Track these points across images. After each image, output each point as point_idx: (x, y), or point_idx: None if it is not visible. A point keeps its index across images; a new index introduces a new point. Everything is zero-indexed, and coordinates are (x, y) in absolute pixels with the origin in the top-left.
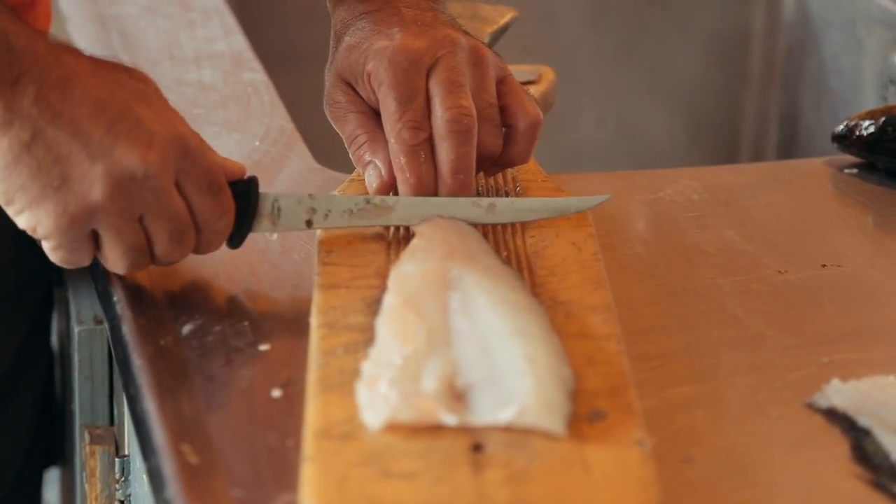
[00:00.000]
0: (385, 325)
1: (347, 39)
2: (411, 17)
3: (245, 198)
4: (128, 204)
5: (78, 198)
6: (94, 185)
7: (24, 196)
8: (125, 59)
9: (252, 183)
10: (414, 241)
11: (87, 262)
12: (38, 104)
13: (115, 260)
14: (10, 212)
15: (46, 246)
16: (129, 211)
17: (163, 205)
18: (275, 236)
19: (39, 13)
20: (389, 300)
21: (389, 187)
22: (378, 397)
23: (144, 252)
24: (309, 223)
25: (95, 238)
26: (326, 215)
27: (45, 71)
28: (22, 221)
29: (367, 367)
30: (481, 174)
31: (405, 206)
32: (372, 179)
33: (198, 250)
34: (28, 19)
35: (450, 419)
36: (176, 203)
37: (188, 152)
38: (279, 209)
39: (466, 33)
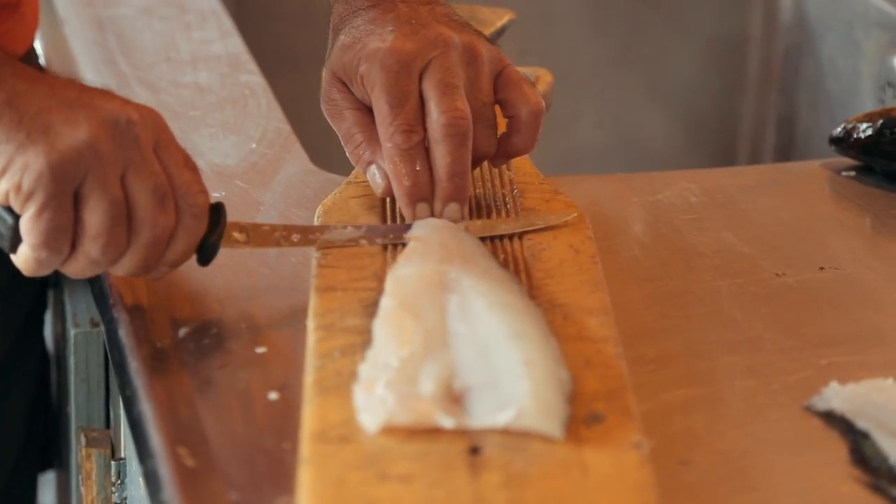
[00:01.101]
0: (382, 327)
1: (342, 38)
2: (406, 14)
3: (214, 213)
4: (112, 149)
5: (65, 137)
6: (79, 127)
7: (7, 147)
8: (122, 61)
9: (219, 203)
10: (410, 244)
11: (64, 249)
12: (14, 77)
13: (95, 226)
14: None
15: (29, 216)
16: (113, 158)
17: (146, 159)
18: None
19: (26, 13)
20: (386, 302)
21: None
22: (375, 400)
23: (123, 216)
24: (279, 243)
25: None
26: (296, 239)
27: (17, 63)
28: (4, 183)
29: (363, 369)
30: (478, 174)
31: (377, 233)
32: (377, 180)
33: (174, 242)
34: (14, 21)
35: (447, 422)
36: (157, 164)
37: (164, 128)
38: (248, 231)
39: (464, 27)
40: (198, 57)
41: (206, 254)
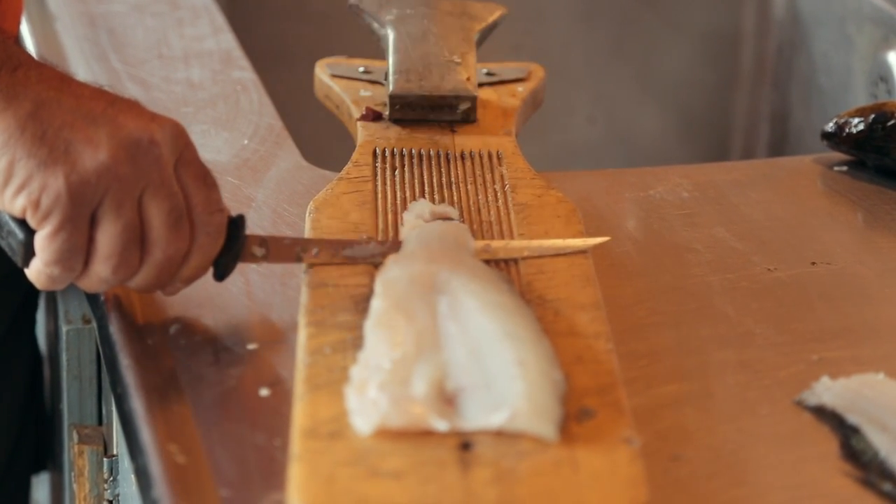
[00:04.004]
0: (374, 328)
1: None
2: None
3: (233, 227)
4: (132, 171)
5: (86, 158)
6: (100, 147)
7: (29, 163)
8: (113, 57)
9: (240, 217)
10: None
11: (77, 267)
12: (41, 83)
13: (107, 248)
14: (7, 194)
15: (45, 235)
16: (132, 180)
17: (165, 180)
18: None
19: (6, 10)
20: (377, 304)
21: None
22: (367, 402)
23: (137, 239)
24: (299, 258)
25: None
26: (316, 253)
27: (42, 66)
28: (22, 198)
29: (355, 371)
30: (469, 170)
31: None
32: None
33: (188, 259)
34: None
35: (441, 425)
36: (175, 185)
37: (188, 143)
38: (267, 245)
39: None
40: (190, 53)
41: (221, 270)
